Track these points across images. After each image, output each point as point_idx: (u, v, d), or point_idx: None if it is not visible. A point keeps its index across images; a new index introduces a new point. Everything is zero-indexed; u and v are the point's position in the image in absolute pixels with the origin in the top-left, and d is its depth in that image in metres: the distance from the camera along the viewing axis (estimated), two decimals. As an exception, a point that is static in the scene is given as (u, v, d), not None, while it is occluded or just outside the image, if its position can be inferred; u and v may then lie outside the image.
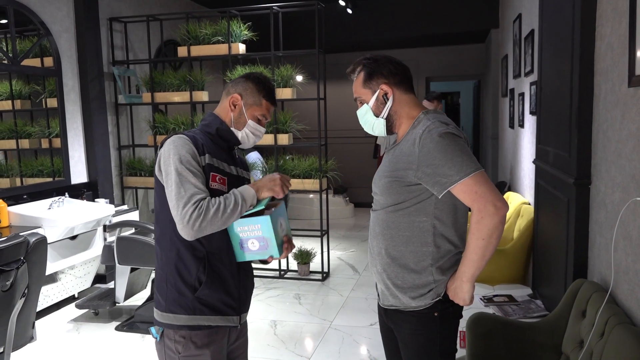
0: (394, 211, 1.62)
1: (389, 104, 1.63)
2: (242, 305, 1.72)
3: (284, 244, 1.66)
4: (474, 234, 1.51)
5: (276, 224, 1.57)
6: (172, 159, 1.54)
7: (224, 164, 1.66)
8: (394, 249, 1.63)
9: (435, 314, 1.62)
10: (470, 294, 1.60)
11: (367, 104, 1.65)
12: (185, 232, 1.50)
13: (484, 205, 1.48)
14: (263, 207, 1.57)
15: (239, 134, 1.71)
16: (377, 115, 1.65)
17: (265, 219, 1.52)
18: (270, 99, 1.72)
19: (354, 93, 1.69)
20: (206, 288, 1.60)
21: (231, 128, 1.71)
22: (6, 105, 4.43)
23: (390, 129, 1.67)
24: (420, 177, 1.54)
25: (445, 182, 1.51)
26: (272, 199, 1.66)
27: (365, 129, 1.72)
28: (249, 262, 1.77)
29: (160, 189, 1.60)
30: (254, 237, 1.55)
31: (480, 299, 3.13)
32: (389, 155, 1.68)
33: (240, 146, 1.75)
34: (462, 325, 2.36)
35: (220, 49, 4.79)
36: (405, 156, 1.57)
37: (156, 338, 1.64)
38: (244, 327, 1.81)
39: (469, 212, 1.68)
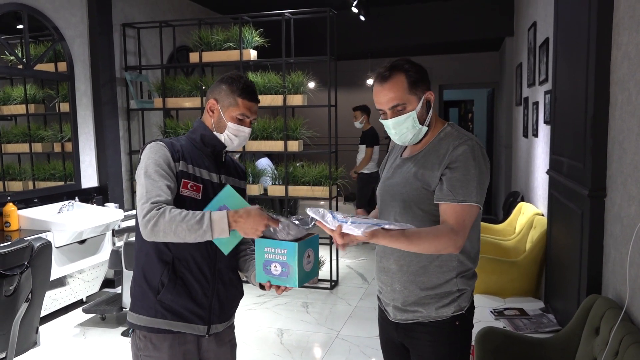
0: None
1: (431, 111, 1.61)
2: (213, 315, 1.69)
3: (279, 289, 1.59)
4: (434, 239, 1.47)
5: (303, 254, 1.54)
6: (144, 162, 1.58)
7: (202, 171, 1.67)
8: (417, 265, 1.60)
9: (457, 323, 1.60)
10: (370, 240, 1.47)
11: (415, 110, 1.57)
12: (142, 230, 1.50)
13: (461, 235, 1.49)
14: (237, 241, 1.58)
15: (222, 137, 1.70)
16: (421, 123, 1.59)
17: (293, 246, 1.51)
18: (245, 96, 1.67)
19: (394, 100, 1.56)
20: (168, 293, 1.61)
21: (214, 133, 1.70)
22: (20, 109, 4.48)
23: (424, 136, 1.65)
24: (440, 175, 1.54)
25: (446, 196, 1.51)
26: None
27: (398, 138, 1.61)
28: (234, 274, 1.78)
29: None
30: (278, 260, 1.54)
31: (491, 311, 3.05)
32: (411, 163, 1.64)
33: (227, 148, 1.74)
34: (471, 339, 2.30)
35: (232, 55, 4.80)
36: (437, 159, 1.57)
37: (131, 330, 1.73)
38: (223, 336, 1.78)
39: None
